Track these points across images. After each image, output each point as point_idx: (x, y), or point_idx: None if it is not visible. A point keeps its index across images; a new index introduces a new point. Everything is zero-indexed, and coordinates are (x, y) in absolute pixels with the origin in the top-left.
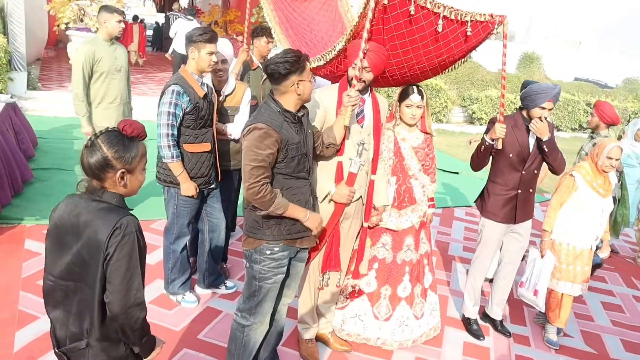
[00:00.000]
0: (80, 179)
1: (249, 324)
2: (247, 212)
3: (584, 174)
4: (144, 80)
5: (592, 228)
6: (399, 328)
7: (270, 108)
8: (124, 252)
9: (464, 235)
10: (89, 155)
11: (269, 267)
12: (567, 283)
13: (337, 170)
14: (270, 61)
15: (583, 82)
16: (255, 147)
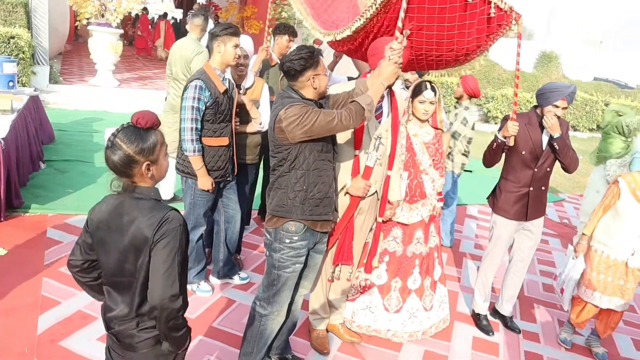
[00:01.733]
0: (103, 172)
1: (266, 313)
2: (272, 192)
3: (629, 181)
4: (162, 75)
5: (628, 239)
6: (409, 320)
7: (292, 97)
8: (165, 242)
9: (475, 232)
10: (112, 155)
11: (288, 255)
12: (596, 293)
13: (354, 163)
14: (285, 59)
15: (602, 81)
16: (303, 109)
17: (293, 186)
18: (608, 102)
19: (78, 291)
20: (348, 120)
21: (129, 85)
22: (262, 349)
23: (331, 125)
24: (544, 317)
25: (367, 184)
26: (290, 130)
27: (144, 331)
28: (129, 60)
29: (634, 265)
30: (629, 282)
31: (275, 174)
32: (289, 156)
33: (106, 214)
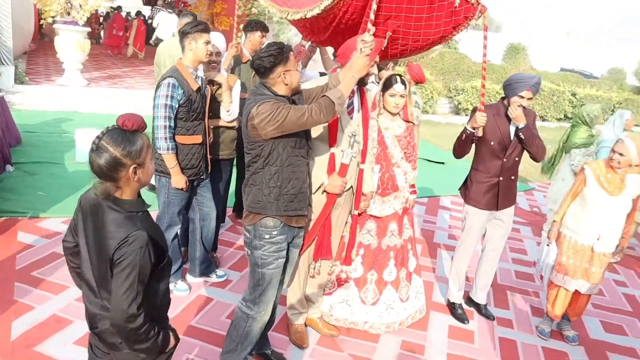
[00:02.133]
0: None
1: (253, 314)
2: (247, 189)
3: (594, 168)
4: (131, 73)
5: (594, 225)
6: (385, 311)
7: (264, 94)
8: (127, 268)
9: (449, 223)
10: (97, 158)
11: (269, 251)
12: (566, 277)
13: (330, 161)
14: (255, 56)
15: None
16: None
17: (267, 182)
18: (575, 92)
19: (52, 295)
20: (318, 114)
21: (98, 84)
22: (246, 348)
23: (302, 120)
24: (517, 304)
25: (343, 182)
26: (263, 127)
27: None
28: (97, 59)
29: (599, 250)
30: (594, 266)
31: (250, 170)
32: (262, 152)
33: (87, 205)
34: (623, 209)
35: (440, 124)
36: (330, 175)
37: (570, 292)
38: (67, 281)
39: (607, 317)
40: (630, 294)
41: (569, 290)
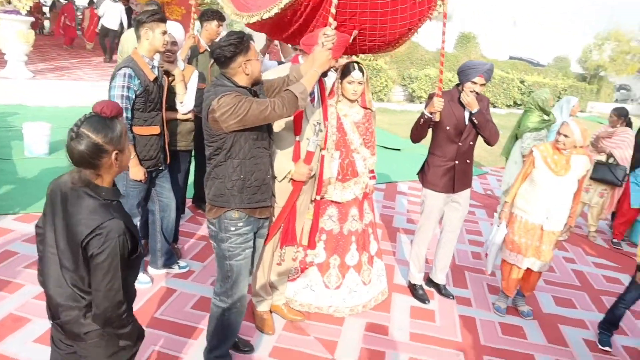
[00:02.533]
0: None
1: (228, 307)
2: (209, 182)
3: (542, 151)
4: (79, 65)
5: (542, 204)
6: (349, 295)
7: (225, 85)
8: (105, 256)
9: (407, 208)
10: (78, 145)
11: (236, 243)
12: (518, 256)
13: (295, 150)
14: (214, 46)
15: (517, 60)
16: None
17: (230, 175)
18: (523, 79)
19: (7, 294)
20: (281, 109)
21: (45, 76)
22: (228, 341)
23: (264, 114)
24: (474, 283)
25: (309, 169)
26: (224, 120)
27: (91, 323)
28: (42, 50)
29: (548, 228)
30: (544, 244)
31: (212, 163)
32: (224, 145)
33: (58, 190)
34: (569, 188)
35: (395, 112)
36: (296, 164)
37: (523, 269)
38: (23, 279)
39: (558, 292)
40: (579, 269)
41: (521, 268)
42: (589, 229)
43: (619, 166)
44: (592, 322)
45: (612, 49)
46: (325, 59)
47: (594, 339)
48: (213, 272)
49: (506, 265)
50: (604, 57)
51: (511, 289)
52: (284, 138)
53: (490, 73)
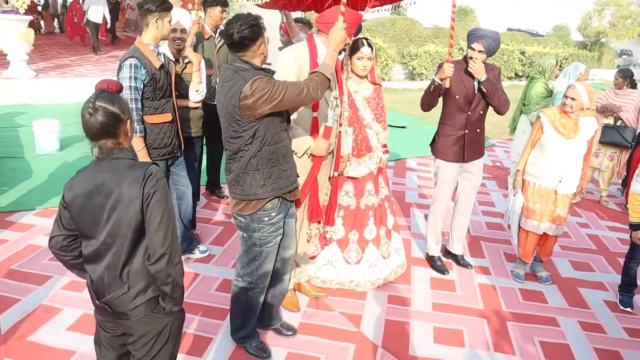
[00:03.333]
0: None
1: (251, 287)
2: (243, 176)
3: (549, 115)
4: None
5: (554, 168)
6: (369, 269)
7: (246, 69)
8: (159, 194)
9: (417, 183)
10: (99, 117)
11: (268, 232)
12: (534, 222)
13: (313, 125)
14: (233, 30)
15: (516, 32)
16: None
17: (267, 163)
18: (523, 50)
19: (36, 286)
20: (316, 91)
21: (47, 75)
22: (252, 320)
23: (300, 97)
24: (491, 252)
25: (329, 144)
26: (259, 106)
27: (137, 297)
28: (42, 50)
29: (562, 191)
30: (558, 208)
31: (245, 155)
32: (257, 133)
33: (85, 182)
34: (579, 150)
35: (397, 90)
36: (315, 139)
37: (539, 235)
38: (50, 271)
39: (575, 256)
40: (594, 234)
41: (538, 234)
42: (600, 193)
43: (627, 128)
44: (611, 283)
45: (611, 14)
46: (341, 38)
47: (614, 300)
48: (233, 255)
49: (523, 233)
50: (604, 23)
51: (529, 256)
52: (302, 115)
53: (491, 41)
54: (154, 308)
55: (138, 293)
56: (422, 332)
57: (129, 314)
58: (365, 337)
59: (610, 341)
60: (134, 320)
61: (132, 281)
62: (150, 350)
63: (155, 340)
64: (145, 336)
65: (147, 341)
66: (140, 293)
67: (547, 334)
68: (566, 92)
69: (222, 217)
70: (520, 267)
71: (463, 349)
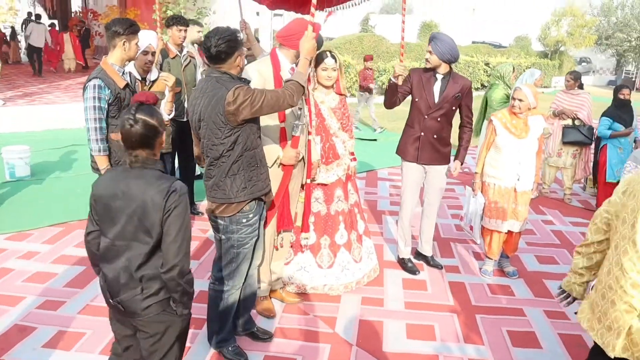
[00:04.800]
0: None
1: (228, 289)
2: (227, 179)
3: (500, 117)
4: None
5: (511, 168)
6: (342, 272)
7: (226, 79)
8: (180, 210)
9: (389, 191)
10: (139, 129)
11: (246, 233)
12: (498, 221)
13: (281, 135)
14: (210, 44)
15: (480, 44)
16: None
17: (247, 168)
18: (487, 61)
19: (9, 307)
20: (292, 98)
21: (15, 103)
22: (227, 322)
23: (279, 103)
24: (460, 253)
25: (297, 152)
26: (240, 112)
27: (149, 298)
28: (8, 79)
29: (521, 189)
30: (519, 205)
31: (226, 161)
32: (238, 139)
33: (111, 183)
34: (532, 148)
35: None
36: (284, 149)
37: (504, 232)
38: (24, 292)
39: (540, 251)
40: (557, 230)
41: (502, 232)
42: (564, 192)
43: (585, 126)
44: None
45: (568, 24)
46: (312, 47)
47: None
48: (209, 268)
49: (487, 232)
50: (562, 33)
51: (495, 253)
52: (270, 126)
53: (439, 43)
54: (166, 308)
55: (151, 295)
56: (395, 329)
57: (141, 313)
58: (340, 337)
59: (573, 326)
60: (146, 320)
61: (146, 283)
62: (158, 347)
63: (164, 338)
64: (155, 335)
65: (156, 339)
66: (152, 295)
67: (515, 323)
68: (513, 94)
69: (198, 233)
70: (489, 265)
71: (434, 343)
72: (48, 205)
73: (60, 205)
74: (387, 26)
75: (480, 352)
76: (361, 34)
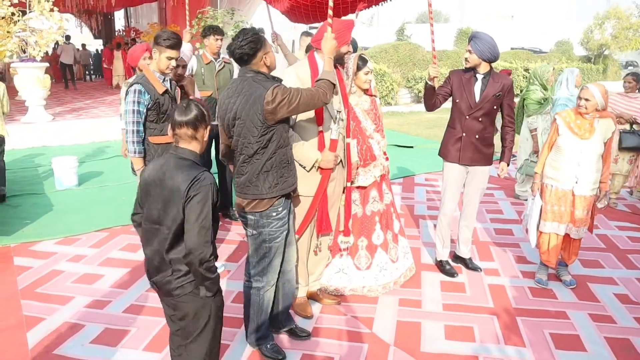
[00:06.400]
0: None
1: (263, 285)
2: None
3: (564, 117)
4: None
5: (569, 169)
6: (380, 273)
7: (262, 78)
8: (200, 197)
9: (426, 197)
10: (188, 111)
11: (277, 227)
12: (554, 223)
13: (319, 139)
14: (234, 47)
15: (519, 50)
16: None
17: (279, 165)
18: (527, 67)
19: (60, 305)
20: (325, 96)
21: (64, 118)
22: (265, 320)
23: (314, 101)
24: (500, 255)
25: (335, 156)
26: (279, 110)
27: (180, 279)
28: (57, 95)
29: (579, 192)
30: (577, 209)
31: (260, 158)
32: (273, 137)
33: (153, 171)
34: (595, 150)
35: (404, 114)
36: (322, 152)
37: (561, 236)
38: (73, 292)
39: (584, 255)
40: (602, 233)
41: (560, 235)
42: (610, 196)
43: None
44: (621, 278)
45: (612, 27)
46: (333, 46)
47: (625, 293)
48: None
49: (544, 236)
50: (605, 36)
51: (552, 260)
52: (308, 129)
53: (478, 42)
54: (196, 288)
55: (181, 276)
56: (433, 330)
57: (173, 294)
58: (377, 337)
59: (621, 330)
60: (177, 299)
61: (175, 266)
62: (190, 329)
63: (194, 320)
64: (189, 315)
65: (191, 318)
66: (183, 276)
67: (557, 326)
68: (580, 94)
69: (236, 237)
70: (543, 273)
71: (474, 344)
72: (94, 212)
73: (105, 211)
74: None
75: (521, 353)
76: (396, 43)
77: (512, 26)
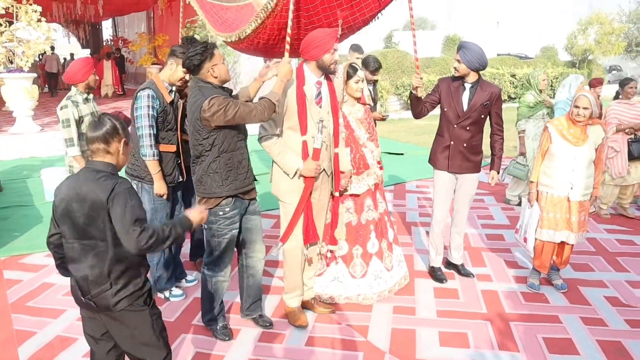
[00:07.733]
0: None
1: (214, 274)
2: (204, 178)
3: (556, 124)
4: None
5: (563, 175)
6: (375, 281)
7: (206, 87)
8: (121, 201)
9: (417, 203)
10: (99, 126)
11: (224, 225)
12: (550, 231)
13: (303, 148)
14: (185, 57)
15: (505, 56)
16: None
17: (224, 168)
18: (513, 73)
19: (51, 319)
20: (262, 114)
21: (52, 128)
22: (217, 305)
23: (250, 116)
24: (492, 261)
25: (317, 165)
26: (214, 119)
27: (120, 292)
28: (44, 106)
29: (574, 198)
30: (573, 215)
31: (205, 160)
32: (215, 141)
33: (67, 189)
34: (587, 156)
35: (393, 120)
36: (305, 161)
37: (556, 244)
38: (64, 305)
39: (573, 258)
40: (591, 237)
41: (555, 243)
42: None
43: None
44: (611, 281)
45: (595, 32)
46: (288, 71)
47: (615, 296)
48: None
49: (539, 243)
50: (589, 41)
51: (545, 266)
52: (292, 138)
53: (467, 52)
54: (134, 301)
55: (120, 289)
56: (427, 337)
57: (112, 308)
58: (372, 345)
59: (612, 333)
60: (118, 313)
61: (114, 278)
62: (138, 339)
63: (138, 331)
64: (131, 329)
65: (133, 333)
66: (122, 288)
67: (550, 330)
68: (577, 102)
69: None
70: (535, 277)
71: (468, 350)
72: None
73: None
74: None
75: (515, 358)
76: (385, 50)
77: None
